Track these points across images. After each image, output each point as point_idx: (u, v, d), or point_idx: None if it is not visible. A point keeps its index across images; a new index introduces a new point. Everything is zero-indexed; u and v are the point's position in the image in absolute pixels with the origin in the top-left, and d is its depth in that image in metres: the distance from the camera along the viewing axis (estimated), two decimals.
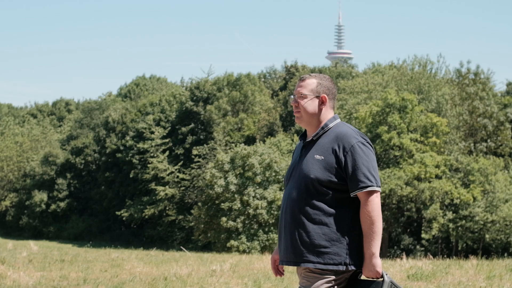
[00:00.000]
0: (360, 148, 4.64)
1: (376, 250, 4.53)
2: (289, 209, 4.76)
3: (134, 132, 60.57)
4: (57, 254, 25.03)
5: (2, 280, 13.96)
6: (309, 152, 4.79)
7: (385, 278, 4.45)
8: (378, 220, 4.55)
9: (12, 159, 73.65)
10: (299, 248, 4.66)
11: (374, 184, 4.58)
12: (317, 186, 4.64)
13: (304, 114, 4.87)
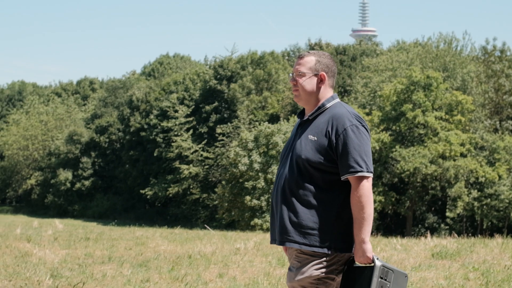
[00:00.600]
0: (353, 132, 4.52)
1: (366, 235, 4.46)
2: (280, 188, 4.67)
3: (158, 110, 60.60)
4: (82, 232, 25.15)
5: (28, 257, 14.03)
6: (304, 132, 4.70)
7: (376, 262, 4.35)
8: (368, 205, 4.48)
9: (37, 137, 74.05)
10: (287, 228, 4.57)
11: (365, 169, 4.49)
12: (308, 167, 4.55)
13: (302, 92, 4.76)
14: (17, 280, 10.58)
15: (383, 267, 4.34)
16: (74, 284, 10.03)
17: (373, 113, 46.65)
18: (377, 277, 4.30)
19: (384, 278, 4.34)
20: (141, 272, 11.71)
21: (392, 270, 4.39)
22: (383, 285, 4.31)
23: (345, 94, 56.10)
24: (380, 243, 18.84)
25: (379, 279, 4.31)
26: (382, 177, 44.75)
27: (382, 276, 4.33)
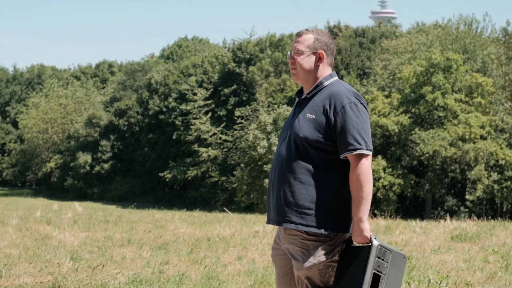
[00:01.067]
0: (351, 109, 4.45)
1: (364, 214, 4.35)
2: (278, 167, 4.60)
3: (176, 93, 60.62)
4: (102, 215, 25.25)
5: (48, 240, 14.10)
6: (302, 111, 4.62)
7: (373, 242, 4.28)
8: (367, 184, 4.37)
9: (57, 121, 74.32)
10: (283, 208, 4.51)
11: (364, 147, 4.39)
12: (306, 146, 4.48)
13: (300, 71, 4.69)
14: (37, 263, 10.63)
15: (380, 247, 4.27)
16: (93, 267, 10.06)
17: (393, 96, 46.48)
18: (374, 256, 4.24)
19: (382, 258, 4.27)
20: (160, 255, 11.74)
21: (390, 250, 4.32)
22: (380, 264, 4.25)
23: (364, 76, 55.92)
24: (399, 225, 18.80)
25: (376, 258, 4.25)
26: (401, 159, 44.63)
27: (380, 255, 4.26)
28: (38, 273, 9.61)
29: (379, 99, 46.62)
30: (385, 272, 4.25)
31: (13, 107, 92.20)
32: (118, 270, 9.94)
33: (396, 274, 4.30)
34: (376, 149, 46.37)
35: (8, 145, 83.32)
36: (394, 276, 4.28)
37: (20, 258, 11.16)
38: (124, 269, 10.06)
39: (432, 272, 9.66)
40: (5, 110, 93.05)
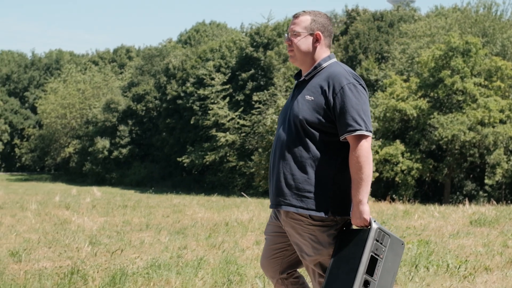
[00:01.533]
0: (350, 90, 4.38)
1: (364, 197, 4.29)
2: (278, 150, 4.55)
3: (194, 78, 60.62)
4: (120, 200, 25.36)
5: (67, 225, 14.17)
6: (301, 93, 4.56)
7: (372, 225, 4.22)
8: (366, 166, 4.30)
9: (75, 106, 74.55)
10: (283, 191, 4.45)
11: (364, 128, 4.32)
12: (306, 128, 4.42)
13: (298, 52, 4.62)
14: (56, 247, 10.67)
15: (379, 230, 4.22)
16: (112, 251, 10.09)
17: (411, 80, 46.28)
18: (372, 239, 4.19)
19: (380, 241, 4.22)
20: (178, 239, 11.76)
21: (388, 235, 4.28)
22: (378, 248, 4.20)
23: (383, 60, 55.67)
24: (417, 210, 18.76)
25: (375, 241, 4.20)
26: (420, 144, 44.48)
27: (378, 239, 4.22)
28: (57, 258, 9.65)
29: (397, 83, 46.44)
30: (383, 256, 4.20)
31: (31, 93, 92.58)
32: (137, 255, 9.97)
33: (393, 260, 4.25)
34: (395, 133, 46.25)
35: (27, 131, 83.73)
36: (391, 262, 4.23)
37: (40, 242, 11.22)
38: (142, 254, 10.08)
39: (450, 256, 9.63)
40: (23, 96, 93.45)
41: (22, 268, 8.75)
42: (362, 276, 4.08)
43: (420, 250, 10.15)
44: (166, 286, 7.65)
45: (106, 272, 8.31)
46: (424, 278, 8.13)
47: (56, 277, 7.96)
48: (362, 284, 4.08)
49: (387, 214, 17.20)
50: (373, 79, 53.11)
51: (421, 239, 11.52)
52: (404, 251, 10.08)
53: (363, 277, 4.09)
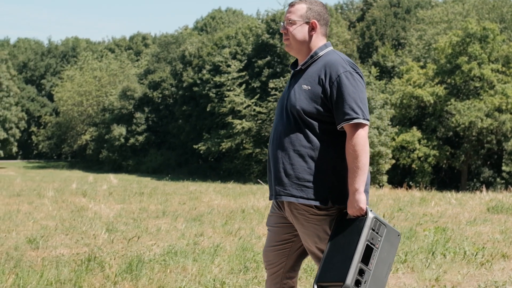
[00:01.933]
0: (347, 78, 4.32)
1: (360, 185, 4.23)
2: (276, 141, 4.49)
3: (210, 65, 60.57)
4: (136, 187, 25.43)
5: (84, 212, 14.22)
6: (297, 82, 4.50)
7: (369, 214, 4.17)
8: (363, 154, 4.24)
9: (91, 93, 74.73)
10: (283, 181, 4.39)
11: (361, 116, 4.26)
12: (303, 117, 4.36)
13: (293, 41, 4.57)
14: (73, 234, 10.72)
15: (375, 219, 4.18)
16: (129, 238, 10.12)
17: (428, 66, 46.11)
18: (368, 228, 4.14)
19: (376, 231, 4.18)
20: (195, 226, 11.78)
21: (385, 225, 4.23)
22: (374, 237, 4.16)
23: (399, 47, 55.46)
24: (434, 197, 18.71)
25: (371, 230, 4.17)
26: (436, 131, 44.35)
27: (374, 228, 4.17)
28: (74, 245, 9.69)
29: (414, 69, 46.28)
30: (378, 246, 4.16)
31: (48, 80, 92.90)
32: (153, 242, 9.99)
33: (389, 250, 4.21)
34: (411, 120, 46.12)
35: (43, 118, 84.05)
36: (386, 252, 4.19)
37: (57, 229, 11.27)
38: (159, 241, 10.11)
39: (468, 243, 9.59)
40: (40, 83, 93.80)
41: (39, 255, 8.79)
42: (357, 265, 4.04)
43: (437, 237, 10.11)
44: (182, 273, 7.66)
45: (123, 259, 8.33)
46: (441, 265, 8.10)
47: (73, 264, 8.00)
48: (357, 272, 4.03)
49: (404, 201, 17.16)
50: (390, 65, 52.95)
51: (438, 226, 11.49)
52: (421, 237, 10.06)
53: (358, 266, 4.05)
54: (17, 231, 11.05)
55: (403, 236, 10.26)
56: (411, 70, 46.47)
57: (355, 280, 4.02)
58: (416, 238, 10.16)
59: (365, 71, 49.37)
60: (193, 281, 7.20)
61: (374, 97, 43.50)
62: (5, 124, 75.38)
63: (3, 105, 75.01)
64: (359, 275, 4.04)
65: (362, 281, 4.04)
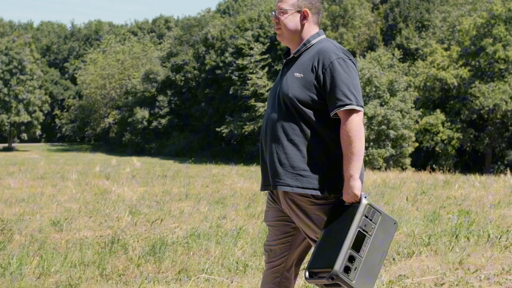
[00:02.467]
0: (339, 65, 4.26)
1: (355, 172, 4.16)
2: (269, 130, 4.43)
3: (233, 48, 60.50)
4: (159, 170, 25.48)
5: (107, 195, 14.28)
6: (290, 70, 4.43)
7: (362, 200, 4.11)
8: (357, 140, 4.18)
9: (114, 76, 74.91)
10: (277, 171, 4.33)
11: (354, 102, 4.20)
12: (296, 106, 4.29)
13: (285, 30, 4.49)
14: (97, 217, 10.77)
15: (369, 206, 4.10)
16: (152, 221, 10.15)
17: (452, 49, 45.78)
18: (361, 214, 4.07)
19: (370, 218, 4.09)
20: (217, 209, 11.80)
21: (379, 212, 4.14)
22: (367, 224, 4.08)
23: (423, 29, 55.09)
24: (458, 180, 18.62)
25: (364, 217, 4.08)
26: (460, 113, 44.10)
27: (367, 215, 4.09)
28: (98, 227, 9.74)
29: (438, 52, 45.98)
30: (372, 233, 4.08)
31: (71, 63, 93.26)
32: (176, 224, 10.02)
33: (383, 238, 4.13)
34: (435, 102, 45.87)
35: (67, 101, 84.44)
36: (381, 240, 4.11)
37: (80, 212, 11.32)
38: (182, 223, 10.13)
39: (491, 226, 9.54)
40: (63, 66, 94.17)
41: (63, 237, 8.84)
42: (347, 251, 3.97)
43: (460, 220, 10.07)
44: (205, 255, 7.68)
45: (146, 242, 8.36)
46: (465, 248, 8.07)
47: (97, 246, 8.04)
48: (346, 259, 3.96)
49: (427, 184, 17.09)
50: (413, 48, 52.64)
51: (462, 209, 11.44)
52: (444, 220, 10.01)
53: (348, 252, 3.98)
54: (41, 213, 11.12)
55: (426, 219, 10.23)
56: (435, 52, 46.17)
57: (344, 266, 3.95)
58: (439, 221, 10.12)
59: (388, 53, 49.11)
60: (216, 263, 7.22)
61: (398, 80, 43.29)
62: (29, 107, 75.84)
63: (27, 88, 75.44)
64: (349, 261, 3.97)
65: (352, 268, 3.96)
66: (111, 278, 6.54)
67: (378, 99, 42.18)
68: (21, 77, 75.29)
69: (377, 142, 41.87)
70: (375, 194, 14.56)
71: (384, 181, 18.56)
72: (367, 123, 41.31)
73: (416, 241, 8.51)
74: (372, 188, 16.15)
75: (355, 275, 3.96)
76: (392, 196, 14.19)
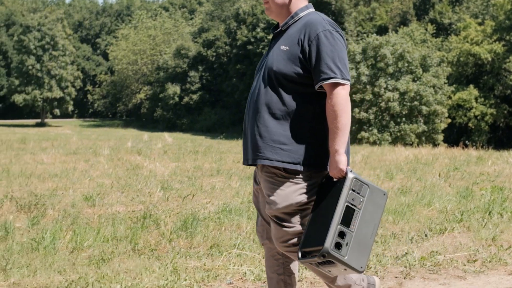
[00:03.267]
0: (326, 37, 4.14)
1: (340, 147, 4.06)
2: (252, 103, 4.33)
3: (264, 23, 60.35)
4: (191, 146, 25.55)
5: (139, 170, 14.33)
6: (277, 43, 4.32)
7: (348, 174, 4.04)
8: (343, 115, 4.06)
9: (146, 52, 75.08)
10: (257, 144, 4.23)
11: (339, 76, 4.07)
12: (281, 79, 4.19)
13: (273, 4, 4.36)
14: (129, 192, 10.81)
15: (355, 179, 4.02)
16: (184, 196, 10.17)
17: (486, 23, 45.29)
18: (347, 189, 3.99)
19: (357, 191, 4.02)
20: (249, 185, 11.79)
21: (367, 184, 4.06)
22: (355, 198, 4.00)
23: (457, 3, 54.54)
24: (491, 156, 18.48)
25: (351, 191, 4.01)
26: (494, 89, 43.68)
27: (354, 188, 4.01)
28: (130, 202, 9.78)
29: (471, 27, 45.51)
30: (361, 206, 4.02)
31: (103, 39, 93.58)
32: (208, 200, 10.03)
33: (373, 211, 4.06)
34: (468, 78, 45.46)
35: (99, 77, 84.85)
36: (371, 213, 4.04)
37: (112, 187, 11.38)
38: (213, 199, 10.14)
39: None
40: (95, 42, 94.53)
41: (96, 212, 8.89)
42: (336, 227, 3.91)
43: (493, 196, 9.98)
44: (237, 230, 7.68)
45: (178, 217, 8.38)
46: (498, 224, 8.00)
47: (129, 221, 8.07)
48: (337, 235, 3.91)
49: (460, 160, 16.97)
50: (447, 22, 52.13)
51: (495, 185, 11.34)
52: (477, 197, 9.94)
53: (338, 228, 3.92)
54: (74, 188, 11.19)
55: (459, 195, 10.16)
56: (468, 27, 45.70)
57: (335, 243, 3.90)
58: (472, 197, 10.04)
59: (421, 28, 48.68)
60: (247, 239, 7.22)
61: (430, 55, 42.96)
62: (61, 83, 76.35)
63: (59, 64, 75.91)
64: (340, 237, 3.92)
65: (343, 244, 3.91)
66: (143, 253, 6.57)
67: (411, 74, 41.87)
68: (53, 53, 75.76)
69: (409, 118, 41.65)
70: (407, 170, 14.49)
71: (416, 157, 18.46)
72: (399, 99, 41.09)
73: (448, 218, 8.45)
74: (405, 164, 16.07)
75: (347, 251, 3.91)
76: (425, 172, 14.10)
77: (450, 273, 6.05)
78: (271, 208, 4.23)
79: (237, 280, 5.67)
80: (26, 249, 6.58)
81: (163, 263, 6.13)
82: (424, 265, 6.21)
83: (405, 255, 6.43)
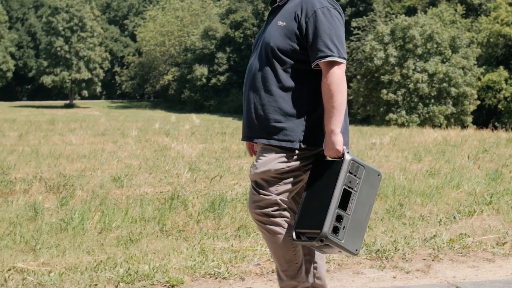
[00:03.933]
0: (323, 14, 4.07)
1: (336, 126, 4.01)
2: (249, 80, 4.31)
3: None
4: (218, 127, 25.59)
5: (166, 151, 14.39)
6: (274, 19, 4.27)
7: (345, 156, 3.97)
8: (339, 94, 4.01)
9: (173, 33, 75.10)
10: (254, 122, 4.21)
11: (335, 54, 4.02)
12: (277, 55, 4.14)
13: None
14: (157, 173, 10.85)
15: (352, 161, 3.98)
16: (211, 177, 10.19)
17: None
18: (345, 171, 3.96)
19: (354, 173, 3.99)
20: None
21: (363, 166, 4.03)
22: (352, 180, 3.97)
23: None
24: None
25: (348, 173, 3.98)
26: None
27: (351, 171, 3.98)
28: (158, 183, 9.82)
29: (502, 7, 45.05)
30: (357, 188, 3.98)
31: (131, 20, 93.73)
32: (236, 181, 10.04)
33: (369, 192, 4.03)
34: (498, 59, 45.06)
35: (126, 58, 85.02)
36: (366, 194, 4.01)
37: (140, 168, 11.42)
38: (241, 180, 10.15)
39: None
40: (123, 24, 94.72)
41: (124, 193, 8.93)
42: (334, 211, 3.89)
43: None
44: None
45: (205, 198, 8.40)
46: None
47: (157, 202, 8.10)
48: (334, 219, 3.89)
49: (489, 142, 16.85)
50: (477, 3, 51.64)
51: None
52: (507, 179, 9.87)
53: (336, 212, 3.90)
54: (102, 169, 11.25)
55: (488, 178, 10.09)
56: (499, 7, 45.23)
57: (332, 227, 3.89)
58: (501, 179, 9.97)
59: (450, 9, 48.28)
60: None
61: (460, 36, 42.64)
62: (89, 64, 76.64)
63: (87, 45, 76.17)
64: (337, 221, 3.91)
65: (340, 227, 3.89)
66: (171, 234, 6.59)
67: (440, 55, 41.57)
68: (81, 34, 76.03)
69: (438, 100, 41.40)
70: (435, 152, 14.41)
71: (445, 139, 18.36)
72: (428, 80, 40.84)
73: (477, 200, 8.40)
74: (433, 146, 15.99)
75: (343, 234, 3.90)
76: (453, 154, 14.03)
77: (479, 255, 6.02)
78: (251, 173, 4.23)
79: (265, 262, 5.68)
80: (55, 229, 6.63)
81: (191, 244, 6.15)
82: (452, 247, 6.18)
83: (433, 237, 6.40)
